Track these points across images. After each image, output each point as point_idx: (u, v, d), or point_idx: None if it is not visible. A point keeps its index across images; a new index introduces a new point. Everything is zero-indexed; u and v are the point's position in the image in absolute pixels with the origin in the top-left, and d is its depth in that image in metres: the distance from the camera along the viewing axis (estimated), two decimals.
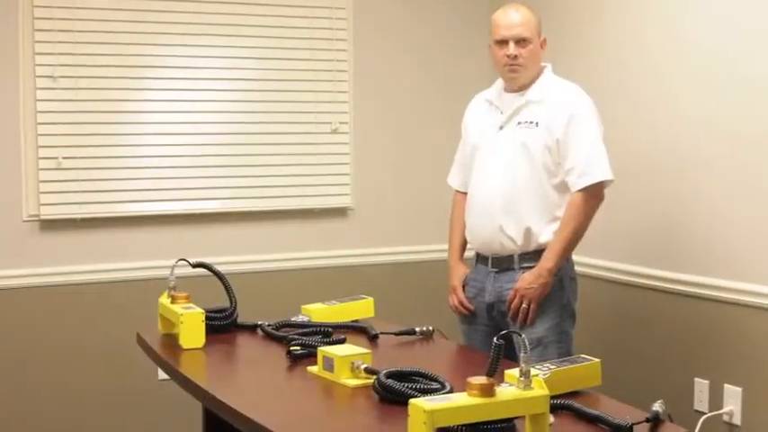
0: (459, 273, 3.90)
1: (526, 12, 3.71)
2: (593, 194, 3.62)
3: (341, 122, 5.10)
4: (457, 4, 5.31)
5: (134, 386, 4.70)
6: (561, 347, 3.65)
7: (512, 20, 3.69)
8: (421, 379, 2.60)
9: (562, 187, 3.65)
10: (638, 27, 4.40)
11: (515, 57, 3.66)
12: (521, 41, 3.66)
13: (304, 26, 5.00)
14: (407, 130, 5.28)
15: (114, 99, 4.66)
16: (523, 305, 3.62)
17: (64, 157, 4.55)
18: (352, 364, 2.72)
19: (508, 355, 2.42)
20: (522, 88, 3.73)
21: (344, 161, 5.13)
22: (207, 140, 4.84)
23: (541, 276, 3.61)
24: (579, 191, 3.60)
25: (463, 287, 3.86)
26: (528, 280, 3.62)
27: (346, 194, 5.15)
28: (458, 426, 2.13)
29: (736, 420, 3.96)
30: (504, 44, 3.68)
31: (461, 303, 3.84)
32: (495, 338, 2.21)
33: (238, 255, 4.87)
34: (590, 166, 3.59)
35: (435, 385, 2.53)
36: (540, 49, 3.72)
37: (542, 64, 3.78)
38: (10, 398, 4.53)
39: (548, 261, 3.62)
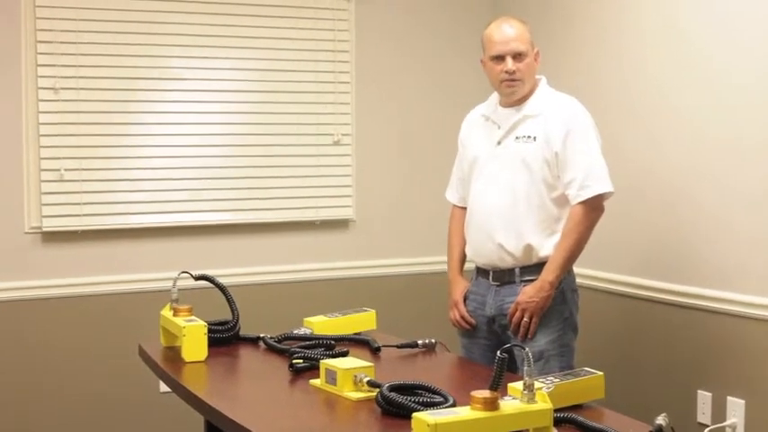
0: (460, 287, 3.88)
1: (519, 25, 3.69)
2: (594, 207, 3.61)
3: (343, 134, 5.10)
4: (460, 16, 5.31)
5: (136, 399, 4.69)
6: (563, 360, 3.64)
7: (507, 35, 3.66)
8: (424, 392, 2.59)
9: (562, 200, 3.63)
10: (640, 38, 4.40)
11: (513, 72, 3.63)
12: (517, 56, 3.64)
13: (306, 38, 5.01)
14: (410, 141, 5.29)
15: (116, 111, 4.67)
16: (524, 319, 3.61)
17: (66, 170, 4.56)
18: (355, 377, 2.72)
19: (509, 368, 2.41)
20: (519, 102, 3.71)
21: (346, 173, 5.14)
22: (208, 152, 4.85)
23: (543, 290, 3.60)
24: (579, 204, 3.59)
25: (464, 301, 3.85)
26: (529, 293, 3.61)
27: (348, 206, 5.15)
28: None
29: None
30: (500, 60, 3.65)
31: (463, 318, 3.83)
32: (498, 352, 2.21)
33: (240, 267, 4.87)
34: (589, 179, 3.58)
35: (438, 398, 2.53)
36: (534, 61, 3.70)
37: (537, 76, 3.76)
38: (11, 410, 4.52)
39: (549, 274, 3.60)
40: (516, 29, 3.67)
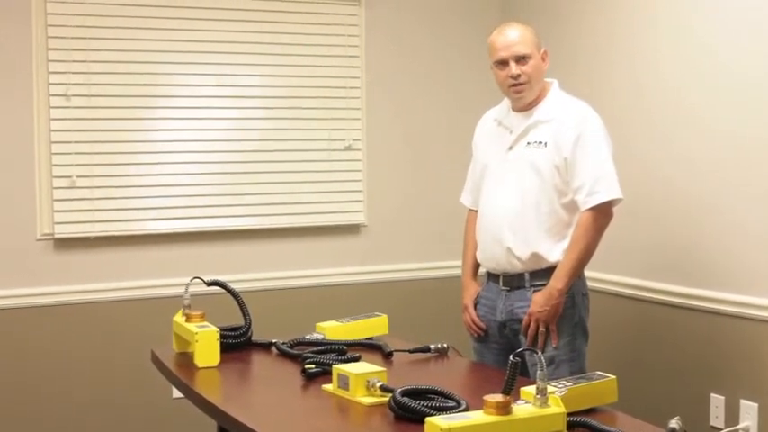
0: (471, 291, 3.88)
1: (522, 28, 3.68)
2: (603, 213, 3.59)
3: (354, 140, 5.11)
4: (470, 21, 5.31)
5: (148, 404, 4.70)
6: (574, 365, 3.62)
7: (508, 39, 3.65)
8: (436, 397, 2.59)
9: (572, 206, 3.62)
10: (652, 40, 4.40)
11: (518, 76, 3.62)
12: (521, 59, 3.62)
13: (316, 44, 5.01)
14: (421, 146, 5.29)
15: (128, 117, 4.68)
16: (541, 328, 3.60)
17: (78, 176, 4.57)
18: (368, 381, 2.72)
19: (520, 372, 2.41)
20: (530, 106, 3.70)
21: (358, 178, 5.14)
22: (220, 158, 4.86)
23: (552, 297, 3.58)
24: (588, 210, 3.57)
25: (475, 306, 3.85)
26: (540, 303, 3.59)
27: (360, 211, 5.15)
28: None
29: None
30: (504, 65, 3.65)
31: (473, 322, 3.83)
32: (511, 356, 2.21)
33: (252, 272, 4.87)
34: (598, 185, 3.56)
35: (451, 403, 2.53)
36: (542, 62, 3.68)
37: (549, 80, 3.75)
38: (23, 415, 4.53)
39: (558, 281, 3.59)
40: (518, 32, 3.66)
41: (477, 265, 3.94)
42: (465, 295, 3.90)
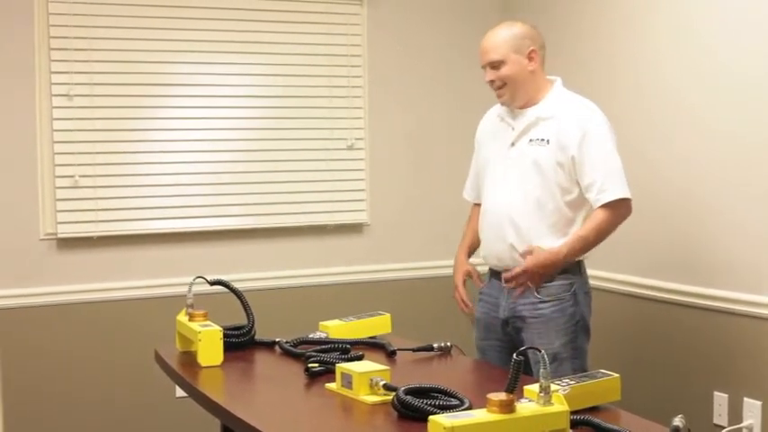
0: (461, 270, 3.93)
1: (500, 32, 3.69)
2: (617, 209, 3.57)
3: (356, 139, 5.11)
4: (471, 21, 5.31)
5: (151, 404, 4.70)
6: (575, 363, 3.63)
7: (484, 45, 3.70)
8: (440, 395, 2.60)
9: (577, 204, 3.62)
10: (651, 43, 4.40)
11: (492, 81, 3.67)
12: (494, 65, 3.66)
13: (319, 43, 5.02)
14: (423, 145, 5.29)
15: (130, 117, 4.68)
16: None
17: (80, 176, 4.57)
18: (371, 380, 2.72)
19: (524, 370, 2.42)
20: (529, 104, 3.71)
21: (360, 177, 5.14)
22: (222, 158, 4.86)
23: (552, 254, 3.55)
24: (603, 206, 3.56)
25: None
26: (540, 260, 3.55)
27: (362, 210, 5.16)
28: None
29: None
30: (485, 70, 3.72)
31: (463, 301, 3.86)
32: (514, 355, 2.21)
33: (255, 272, 4.88)
34: (607, 182, 3.55)
35: (454, 401, 2.53)
36: (526, 63, 3.66)
37: (551, 78, 3.75)
38: (27, 415, 4.54)
39: (564, 246, 3.56)
40: (494, 38, 3.69)
41: (472, 246, 3.97)
42: (456, 273, 3.94)
